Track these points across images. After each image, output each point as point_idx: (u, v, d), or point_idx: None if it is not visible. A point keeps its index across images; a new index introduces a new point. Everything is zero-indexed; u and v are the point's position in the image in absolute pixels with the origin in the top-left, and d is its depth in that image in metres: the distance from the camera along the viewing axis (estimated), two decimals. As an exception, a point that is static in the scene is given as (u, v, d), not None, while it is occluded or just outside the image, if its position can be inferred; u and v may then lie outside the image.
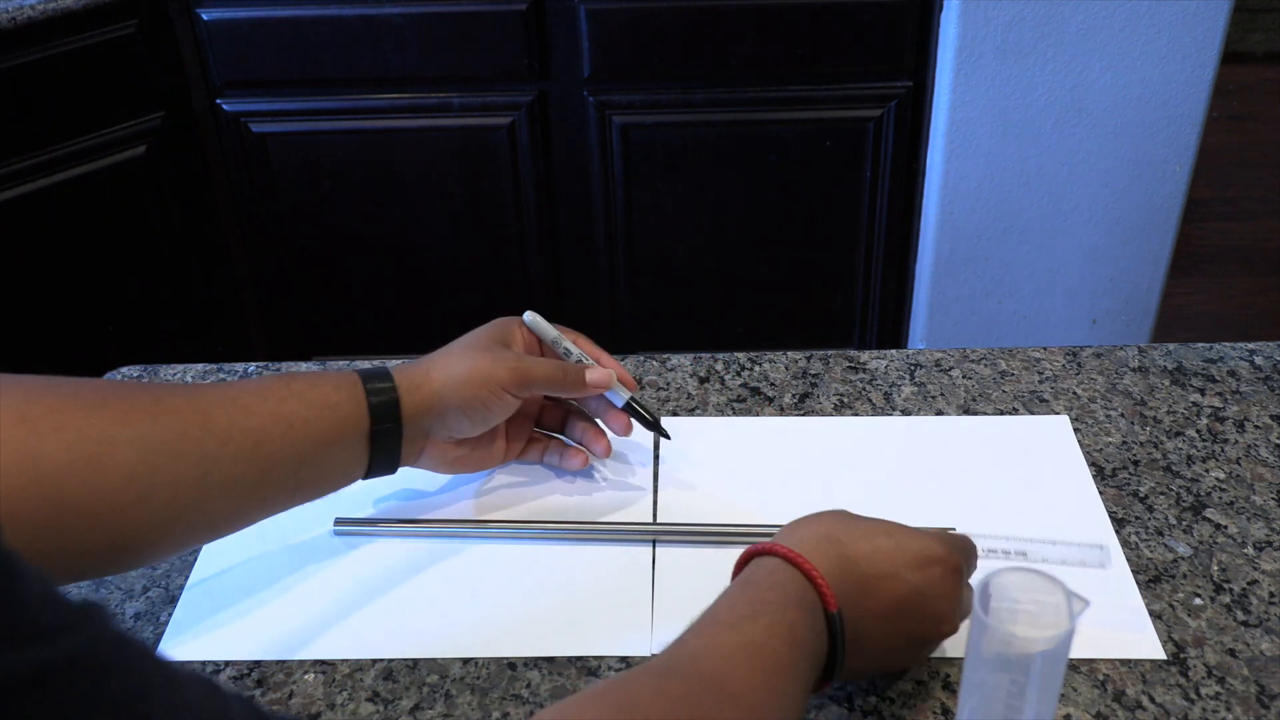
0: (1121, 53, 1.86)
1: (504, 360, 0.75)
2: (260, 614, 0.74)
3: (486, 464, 0.81)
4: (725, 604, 0.59)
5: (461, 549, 0.78)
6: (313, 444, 0.67)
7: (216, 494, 0.64)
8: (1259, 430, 0.87)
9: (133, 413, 0.61)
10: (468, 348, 0.76)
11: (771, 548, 0.61)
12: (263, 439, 0.65)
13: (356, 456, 0.71)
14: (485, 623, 0.73)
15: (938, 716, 0.66)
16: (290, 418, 0.66)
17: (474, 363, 0.74)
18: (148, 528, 0.61)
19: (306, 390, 0.68)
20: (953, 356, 0.96)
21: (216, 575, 0.77)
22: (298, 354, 2.21)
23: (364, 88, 1.96)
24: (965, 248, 2.04)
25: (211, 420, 0.63)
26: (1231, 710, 0.65)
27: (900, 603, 0.62)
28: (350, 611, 0.74)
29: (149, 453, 0.60)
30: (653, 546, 0.78)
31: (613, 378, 0.79)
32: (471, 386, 0.73)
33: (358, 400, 0.70)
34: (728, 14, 1.88)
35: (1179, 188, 1.99)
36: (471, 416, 0.75)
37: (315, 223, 2.09)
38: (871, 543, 0.63)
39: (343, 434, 0.69)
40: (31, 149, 1.78)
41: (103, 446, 0.59)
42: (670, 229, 2.08)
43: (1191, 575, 0.75)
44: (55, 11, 1.71)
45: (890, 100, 1.95)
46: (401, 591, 0.75)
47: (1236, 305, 2.72)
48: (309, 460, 0.67)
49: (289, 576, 0.76)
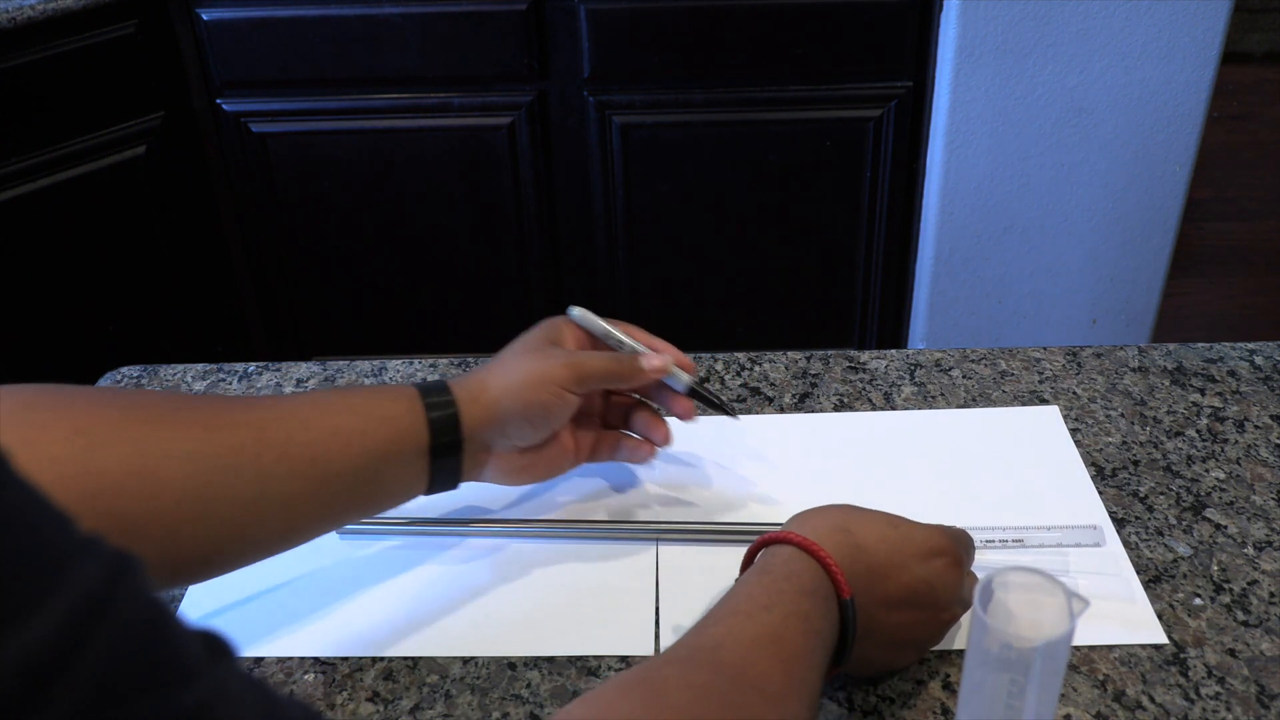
0: (1121, 53, 1.86)
1: (557, 358, 0.73)
2: (261, 613, 0.74)
3: (555, 470, 0.78)
4: (743, 593, 0.59)
5: (461, 549, 0.78)
6: (371, 459, 0.66)
7: (273, 509, 0.62)
8: (1259, 430, 0.87)
9: (190, 427, 0.60)
10: (519, 353, 0.74)
11: (785, 536, 0.62)
12: (319, 454, 0.63)
13: (416, 472, 0.69)
14: (485, 623, 0.73)
15: (938, 716, 0.66)
16: (348, 432, 0.65)
17: (528, 366, 0.72)
18: (203, 544, 0.60)
19: (364, 404, 0.67)
20: (953, 356, 0.96)
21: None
22: (298, 354, 2.21)
23: (364, 88, 1.96)
24: (965, 248, 2.04)
25: (268, 435, 0.62)
26: (1231, 710, 0.65)
27: (907, 591, 0.63)
28: (350, 611, 0.74)
29: (205, 468, 0.59)
30: (655, 545, 0.78)
31: (670, 362, 0.77)
32: (529, 390, 0.71)
33: (416, 414, 0.68)
34: (727, 14, 1.88)
35: (1179, 188, 1.99)
36: (533, 422, 0.73)
37: (315, 223, 2.09)
38: (879, 533, 0.64)
39: (402, 449, 0.67)
40: (31, 149, 1.79)
41: (159, 461, 0.58)
42: (670, 229, 2.08)
43: (1191, 575, 0.75)
44: (55, 11, 1.71)
45: (890, 100, 1.95)
46: (401, 591, 0.75)
47: (1236, 305, 2.72)
48: (367, 476, 0.66)
49: (290, 576, 0.76)
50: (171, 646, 0.33)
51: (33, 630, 0.29)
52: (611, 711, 0.50)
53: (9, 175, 1.77)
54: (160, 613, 0.33)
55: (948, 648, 0.70)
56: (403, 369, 0.96)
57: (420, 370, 0.96)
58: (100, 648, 0.30)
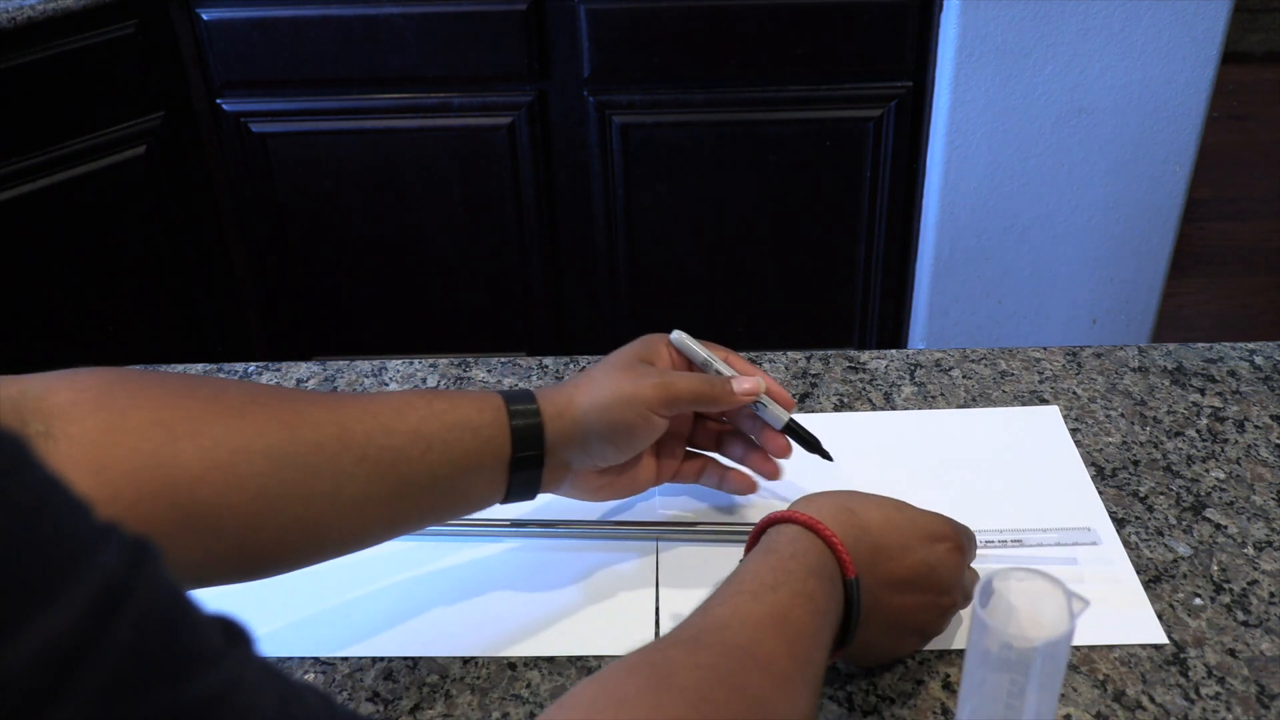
0: (1121, 53, 1.86)
1: (647, 378, 0.71)
2: (260, 612, 0.74)
3: (633, 490, 0.76)
4: (749, 573, 0.59)
5: (461, 549, 0.78)
6: (450, 467, 0.65)
7: (348, 510, 0.62)
8: (1259, 430, 0.87)
9: (270, 422, 0.60)
10: (609, 368, 0.72)
11: (791, 515, 0.62)
12: (399, 458, 0.63)
13: (495, 482, 0.68)
14: (485, 623, 0.73)
15: (938, 716, 0.66)
16: (429, 438, 0.64)
17: (616, 384, 0.70)
18: (276, 541, 0.60)
19: (448, 411, 0.66)
20: (953, 356, 0.96)
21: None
22: (298, 354, 2.21)
23: (364, 88, 1.96)
24: (965, 248, 2.04)
25: (349, 435, 0.62)
26: (1231, 710, 0.65)
27: (910, 573, 0.64)
28: (351, 611, 0.74)
29: (283, 465, 0.59)
30: (655, 545, 0.78)
31: (762, 386, 0.75)
32: (615, 410, 0.69)
33: (500, 424, 0.67)
34: (727, 14, 1.88)
35: (1179, 188, 1.99)
36: (617, 442, 0.71)
37: (315, 223, 2.09)
38: (884, 515, 0.65)
39: (482, 459, 0.66)
40: (31, 149, 1.78)
41: (237, 456, 0.58)
42: (670, 229, 2.08)
43: (1191, 575, 0.75)
44: (55, 11, 1.71)
45: (890, 100, 1.95)
46: (402, 591, 0.75)
47: (1236, 305, 2.72)
48: (445, 482, 0.65)
49: (289, 575, 0.76)
50: (190, 633, 0.33)
51: (55, 617, 0.29)
52: (619, 692, 0.50)
53: (9, 175, 1.77)
54: (179, 599, 0.33)
55: (947, 647, 0.70)
56: (403, 369, 0.96)
57: (420, 370, 0.96)
58: (121, 635, 0.30)
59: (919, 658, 0.69)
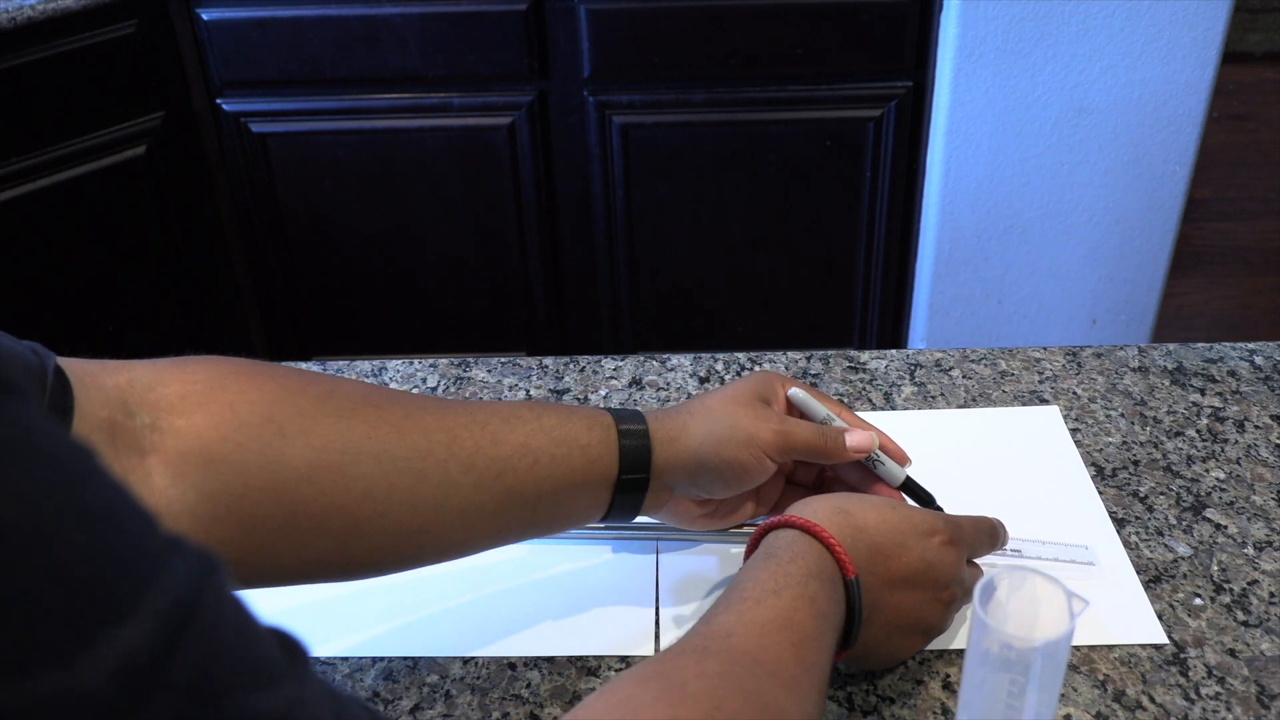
0: (1121, 53, 1.86)
1: (768, 421, 0.69)
2: (259, 612, 0.74)
3: (730, 522, 0.74)
4: (750, 579, 0.59)
5: (461, 549, 0.78)
6: (556, 482, 0.64)
7: (452, 518, 0.62)
8: (1259, 430, 0.87)
9: (381, 424, 0.60)
10: (729, 401, 0.70)
11: (788, 520, 0.63)
12: (506, 469, 0.63)
13: (597, 501, 0.67)
14: (485, 623, 0.73)
15: (938, 716, 0.66)
16: (537, 452, 0.64)
17: (735, 420, 0.69)
18: (378, 543, 0.60)
19: (557, 426, 0.65)
20: (953, 356, 0.96)
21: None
22: (298, 354, 2.21)
23: (364, 88, 1.96)
24: (965, 248, 2.04)
25: (458, 443, 0.62)
26: (1231, 710, 0.65)
27: (908, 570, 0.64)
28: (351, 611, 0.74)
29: (391, 469, 0.59)
30: (655, 545, 0.78)
31: (875, 441, 0.73)
32: (732, 447, 0.68)
33: (609, 444, 0.66)
34: (727, 14, 1.88)
35: (1179, 188, 1.99)
36: (726, 478, 0.69)
37: (315, 223, 2.09)
38: (879, 514, 0.65)
39: (588, 477, 0.66)
40: (31, 149, 1.78)
41: (346, 457, 0.58)
42: (670, 229, 2.08)
43: (1191, 575, 0.75)
44: (55, 11, 1.71)
45: (890, 100, 1.95)
46: (402, 591, 0.75)
47: (1236, 305, 2.72)
48: (549, 497, 0.65)
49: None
50: (255, 649, 0.33)
51: (128, 633, 0.29)
52: (632, 705, 0.50)
53: (9, 175, 1.77)
54: (243, 614, 0.33)
55: (947, 647, 0.70)
56: (402, 369, 0.96)
57: (420, 370, 0.96)
58: (192, 651, 0.30)
59: (919, 658, 0.69)
